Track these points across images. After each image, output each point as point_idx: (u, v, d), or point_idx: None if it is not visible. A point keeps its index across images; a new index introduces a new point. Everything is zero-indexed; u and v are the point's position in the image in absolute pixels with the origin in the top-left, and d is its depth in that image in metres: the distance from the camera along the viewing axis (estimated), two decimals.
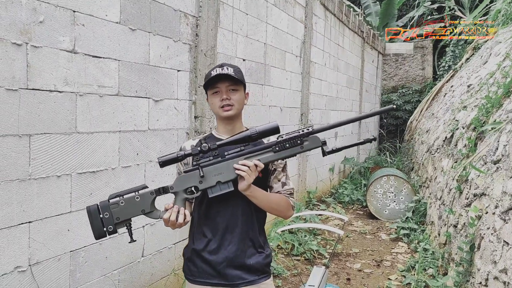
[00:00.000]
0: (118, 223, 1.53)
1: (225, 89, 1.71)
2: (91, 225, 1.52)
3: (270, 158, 1.61)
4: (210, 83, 1.71)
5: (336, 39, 7.61)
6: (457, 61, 10.57)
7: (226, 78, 1.69)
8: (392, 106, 1.63)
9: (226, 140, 1.59)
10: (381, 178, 6.21)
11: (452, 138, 4.72)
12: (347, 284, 3.92)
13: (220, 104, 1.71)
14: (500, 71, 4.04)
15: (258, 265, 1.72)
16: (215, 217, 1.72)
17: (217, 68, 1.71)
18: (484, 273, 2.65)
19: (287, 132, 1.62)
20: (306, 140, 1.59)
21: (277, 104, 5.17)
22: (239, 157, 1.60)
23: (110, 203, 1.53)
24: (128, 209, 1.53)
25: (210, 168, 1.59)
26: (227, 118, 1.74)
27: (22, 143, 2.09)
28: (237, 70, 1.74)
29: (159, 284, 3.14)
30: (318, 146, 1.60)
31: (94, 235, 1.53)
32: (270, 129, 1.57)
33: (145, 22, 2.86)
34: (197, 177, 1.58)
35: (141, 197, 1.55)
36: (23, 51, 2.07)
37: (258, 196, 1.67)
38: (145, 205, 1.55)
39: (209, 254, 1.70)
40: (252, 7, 4.37)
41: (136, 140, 2.85)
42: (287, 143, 1.59)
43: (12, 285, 2.09)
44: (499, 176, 2.73)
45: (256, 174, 1.58)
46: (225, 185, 1.60)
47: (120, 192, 1.55)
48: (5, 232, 2.04)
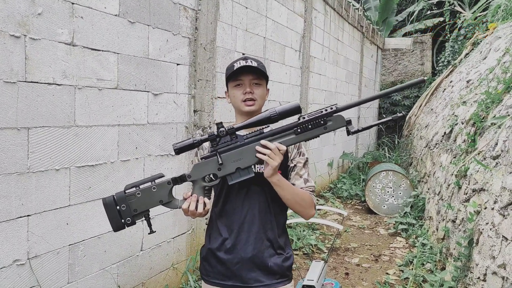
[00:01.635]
0: (136, 215, 1.47)
1: (248, 83, 1.62)
2: (108, 217, 1.47)
3: (292, 141, 1.49)
4: (233, 75, 1.62)
5: (335, 34, 7.58)
6: (456, 56, 10.56)
7: (250, 70, 1.61)
8: (422, 78, 1.49)
9: (243, 123, 1.49)
10: (380, 173, 6.22)
11: (451, 134, 4.72)
12: (345, 278, 3.93)
13: (243, 98, 1.62)
14: (500, 66, 4.03)
15: (277, 268, 1.62)
16: (231, 215, 1.63)
17: (240, 61, 1.62)
18: (482, 268, 2.66)
19: (309, 113, 1.50)
20: (330, 120, 1.47)
21: (276, 99, 5.16)
22: (259, 140, 1.48)
23: (127, 195, 1.47)
24: (146, 200, 1.47)
25: (229, 154, 1.49)
26: (248, 113, 1.63)
27: (21, 136, 2.08)
28: (261, 65, 1.65)
29: (158, 278, 3.15)
30: (343, 126, 1.48)
31: (112, 228, 1.48)
32: (291, 109, 1.46)
33: (144, 15, 2.84)
34: (216, 164, 1.49)
35: (158, 187, 1.48)
36: (22, 44, 2.05)
37: (284, 185, 1.53)
38: (163, 195, 1.49)
39: (224, 253, 1.62)
40: (252, 1, 4.34)
41: (135, 134, 2.84)
42: (310, 123, 1.48)
43: (11, 278, 2.09)
44: (498, 171, 2.73)
45: (281, 158, 1.45)
46: (245, 171, 1.50)
47: (136, 182, 1.49)
48: (3, 225, 2.03)
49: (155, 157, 3.02)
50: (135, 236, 2.91)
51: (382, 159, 9.53)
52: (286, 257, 1.66)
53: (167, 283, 3.21)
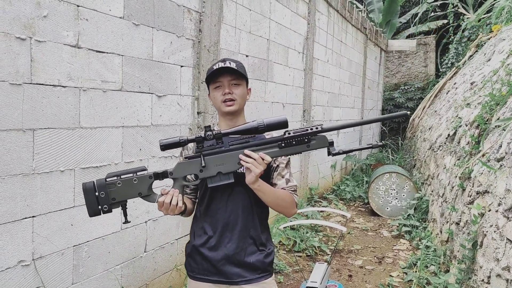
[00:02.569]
0: (114, 203, 1.50)
1: (227, 83, 1.67)
2: (86, 202, 1.49)
3: (275, 154, 1.55)
4: (212, 77, 1.68)
5: (339, 36, 7.58)
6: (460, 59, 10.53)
7: (228, 72, 1.66)
8: (405, 112, 1.56)
9: (231, 130, 1.54)
10: (383, 175, 6.21)
11: (455, 136, 4.71)
12: (348, 280, 3.93)
13: (222, 99, 1.67)
14: (504, 68, 4.02)
15: (258, 263, 1.70)
16: (215, 214, 1.70)
17: (219, 63, 1.68)
18: (486, 270, 2.65)
19: (295, 129, 1.55)
20: (314, 139, 1.53)
21: (279, 101, 5.16)
22: (243, 149, 1.54)
23: (107, 183, 1.49)
24: (125, 190, 1.50)
25: (212, 158, 1.54)
26: (229, 114, 1.71)
27: (26, 138, 2.09)
28: (240, 65, 1.71)
29: (161, 279, 3.15)
30: (325, 146, 1.55)
31: (89, 213, 1.51)
32: (278, 122, 1.51)
33: (149, 17, 2.86)
34: (199, 165, 1.53)
35: (139, 180, 1.52)
36: (27, 46, 2.07)
37: (265, 191, 1.60)
38: (143, 188, 1.52)
39: (208, 250, 1.69)
40: (255, 3, 4.35)
41: (139, 135, 2.85)
42: (294, 140, 1.53)
43: (16, 279, 2.10)
44: (502, 173, 2.73)
45: (263, 167, 1.51)
46: (226, 176, 1.55)
47: (118, 172, 1.52)
48: (9, 226, 2.05)
49: (158, 158, 3.03)
50: (139, 238, 2.91)
51: (385, 161, 9.52)
52: (268, 253, 1.74)
53: (170, 284, 3.22)
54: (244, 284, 1.68)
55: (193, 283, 1.75)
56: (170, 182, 1.58)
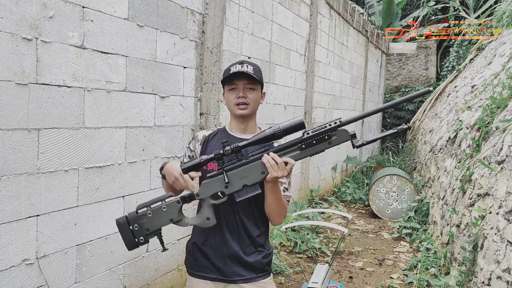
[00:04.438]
0: (148, 234, 1.53)
1: (242, 87, 1.67)
2: (122, 236, 1.52)
3: (298, 157, 1.51)
4: (228, 79, 1.68)
5: (340, 38, 7.61)
6: (460, 62, 10.56)
7: (244, 76, 1.66)
8: (428, 89, 1.50)
9: (249, 141, 1.52)
10: (384, 178, 6.22)
11: (455, 138, 4.73)
12: (349, 282, 3.94)
13: (236, 102, 1.68)
14: (505, 71, 4.04)
15: (257, 264, 1.71)
16: (216, 213, 1.69)
17: (237, 65, 1.67)
18: (487, 272, 2.67)
19: (312, 128, 1.51)
20: (334, 135, 1.48)
21: (281, 102, 5.18)
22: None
23: (139, 215, 1.51)
24: (157, 219, 1.52)
25: (235, 172, 1.52)
26: (241, 117, 1.71)
27: (31, 137, 2.11)
28: (257, 69, 1.71)
29: (163, 279, 3.17)
30: (347, 140, 1.49)
31: (127, 246, 1.53)
32: (295, 125, 1.47)
33: (153, 19, 2.88)
34: (222, 182, 1.52)
35: (168, 207, 1.53)
36: (33, 46, 2.09)
37: (276, 192, 1.60)
38: (173, 214, 1.53)
39: (209, 248, 1.71)
40: (258, 5, 4.38)
41: (142, 136, 2.87)
42: (314, 139, 1.48)
43: (20, 277, 2.11)
44: (503, 176, 2.74)
45: (283, 173, 1.49)
46: (252, 187, 1.53)
47: (147, 202, 1.53)
48: (13, 225, 2.06)
49: (161, 159, 3.05)
50: None
51: (386, 163, 9.53)
52: (267, 254, 1.76)
53: (172, 284, 3.23)
54: (242, 283, 1.70)
55: (192, 280, 1.78)
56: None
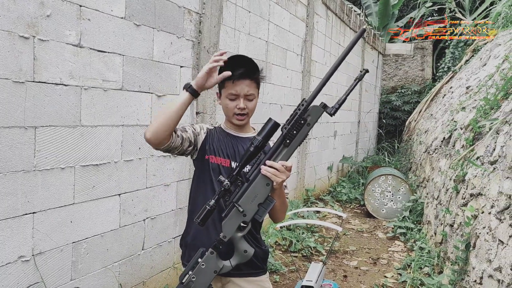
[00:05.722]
0: None
1: (243, 96, 1.69)
2: None
3: (288, 153, 1.52)
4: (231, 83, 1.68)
5: (337, 39, 7.64)
6: (456, 63, 10.62)
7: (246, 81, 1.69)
8: (363, 28, 1.53)
9: (240, 165, 1.53)
10: (379, 178, 6.26)
11: (450, 139, 4.77)
12: (343, 281, 3.97)
13: (236, 111, 1.70)
14: (499, 73, 4.08)
15: (255, 258, 1.72)
16: (215, 214, 1.69)
17: (240, 68, 1.68)
18: (479, 271, 2.70)
19: (287, 120, 1.52)
20: (308, 115, 1.51)
21: (277, 102, 5.21)
22: (260, 170, 1.53)
23: (184, 284, 1.54)
24: (202, 279, 1.54)
25: (244, 198, 1.53)
26: (238, 126, 1.76)
27: (28, 135, 2.13)
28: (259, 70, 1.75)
29: (159, 277, 3.18)
30: (322, 113, 1.52)
31: None
32: (271, 128, 1.50)
33: (150, 18, 2.89)
34: (239, 213, 1.54)
35: (206, 262, 1.54)
36: (30, 44, 2.10)
37: (282, 194, 1.64)
38: (214, 265, 1.55)
39: (203, 244, 1.70)
40: (254, 5, 4.40)
41: (139, 134, 2.88)
42: (294, 130, 1.50)
43: (16, 274, 2.13)
44: (495, 176, 2.78)
45: (287, 175, 1.52)
46: (267, 202, 1.55)
47: (186, 269, 1.56)
48: (9, 222, 2.07)
49: (157, 157, 3.07)
50: (137, 235, 2.94)
51: (381, 163, 9.57)
52: (264, 251, 1.79)
53: (167, 282, 3.25)
54: (238, 277, 1.72)
55: None
56: None
